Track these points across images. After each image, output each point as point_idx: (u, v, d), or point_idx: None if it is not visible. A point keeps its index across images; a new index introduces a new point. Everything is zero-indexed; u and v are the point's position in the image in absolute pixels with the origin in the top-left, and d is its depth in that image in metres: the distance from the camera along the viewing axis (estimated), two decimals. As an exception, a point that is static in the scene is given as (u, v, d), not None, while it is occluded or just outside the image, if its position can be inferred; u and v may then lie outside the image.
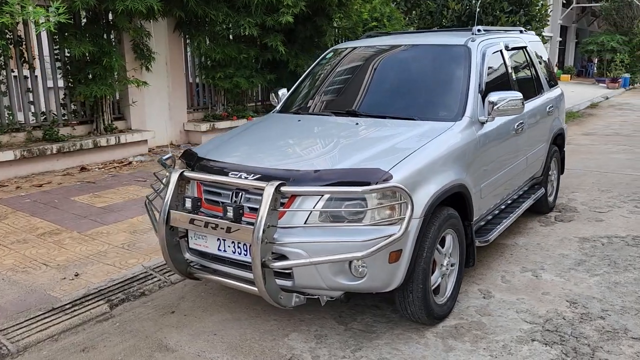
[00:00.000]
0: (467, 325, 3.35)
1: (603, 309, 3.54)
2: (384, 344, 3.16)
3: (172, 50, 9.29)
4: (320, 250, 2.83)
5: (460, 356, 3.02)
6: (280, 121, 4.20)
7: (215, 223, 2.99)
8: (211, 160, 3.44)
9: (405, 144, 3.33)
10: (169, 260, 3.28)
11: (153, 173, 3.96)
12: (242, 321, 3.49)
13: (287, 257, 2.88)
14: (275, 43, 9.37)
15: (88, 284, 3.95)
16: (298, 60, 10.20)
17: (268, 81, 10.20)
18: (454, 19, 9.64)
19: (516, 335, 3.22)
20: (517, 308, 3.56)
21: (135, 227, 5.15)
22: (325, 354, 3.07)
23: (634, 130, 11.82)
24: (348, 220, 2.94)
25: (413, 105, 3.94)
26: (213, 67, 9.53)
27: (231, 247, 3.09)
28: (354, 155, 3.17)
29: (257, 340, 3.24)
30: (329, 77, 4.55)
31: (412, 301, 3.14)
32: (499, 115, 3.80)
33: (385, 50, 4.46)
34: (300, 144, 3.59)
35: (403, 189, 2.80)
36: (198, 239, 3.24)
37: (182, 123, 9.57)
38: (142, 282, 4.01)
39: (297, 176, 2.98)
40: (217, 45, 9.19)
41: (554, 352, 3.02)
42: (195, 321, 3.51)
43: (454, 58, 4.08)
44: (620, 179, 7.23)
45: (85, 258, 4.42)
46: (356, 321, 3.44)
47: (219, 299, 3.82)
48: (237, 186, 3.10)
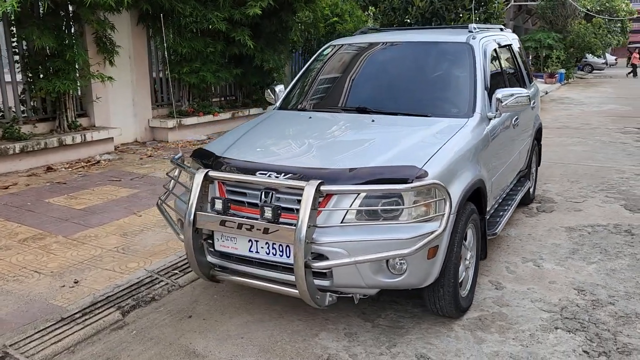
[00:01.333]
0: (490, 317, 3.43)
1: (609, 295, 3.72)
2: (415, 339, 3.19)
3: (135, 44, 8.95)
4: (361, 249, 2.81)
5: (493, 347, 3.09)
6: (290, 119, 4.14)
7: (250, 224, 2.91)
8: (233, 159, 3.34)
9: (430, 140, 3.36)
10: (194, 264, 3.17)
11: (166, 173, 3.80)
12: (265, 322, 3.43)
13: (327, 256, 2.85)
14: (243, 37, 9.22)
15: (92, 291, 3.76)
16: (264, 55, 10.08)
17: (234, 76, 10.02)
18: (418, 15, 9.82)
19: (539, 324, 3.33)
20: (530, 297, 3.69)
21: (124, 230, 4.94)
22: (361, 352, 3.06)
23: (581, 124, 12.47)
24: (383, 218, 2.94)
25: (424, 102, 3.98)
26: (179, 61, 9.26)
27: (264, 249, 3.02)
28: (383, 153, 3.17)
29: (287, 342, 3.19)
30: (331, 73, 4.52)
31: (443, 295, 3.19)
32: (505, 112, 3.91)
33: (386, 47, 4.49)
34: (321, 141, 3.54)
35: (442, 185, 2.83)
36: (226, 240, 3.15)
37: (147, 119, 9.25)
38: (150, 287, 3.85)
39: (332, 175, 2.95)
40: (184, 39, 8.94)
41: (579, 339, 3.15)
42: (216, 325, 3.41)
43: (459, 55, 4.16)
44: (584, 170, 7.62)
45: (80, 263, 4.20)
46: (381, 317, 3.46)
47: (235, 300, 3.73)
48: (268, 186, 3.02)
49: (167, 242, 4.63)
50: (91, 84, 8.06)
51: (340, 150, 3.35)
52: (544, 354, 3.01)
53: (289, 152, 3.40)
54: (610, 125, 12.18)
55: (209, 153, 3.50)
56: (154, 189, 6.29)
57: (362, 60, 4.45)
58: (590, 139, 10.31)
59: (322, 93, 4.40)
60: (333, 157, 3.23)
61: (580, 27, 28.81)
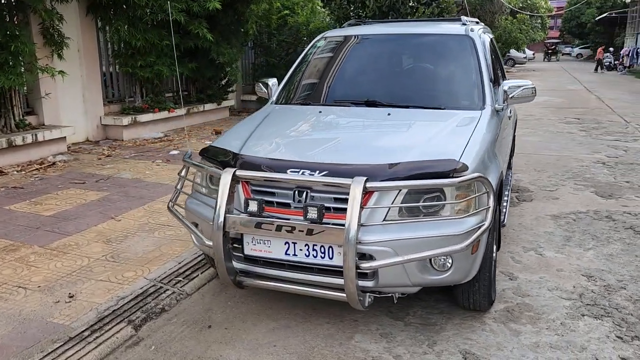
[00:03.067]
0: (517, 308, 3.45)
1: (617, 279, 3.85)
2: (452, 335, 3.15)
3: (84, 36, 8.36)
4: (409, 247, 2.72)
5: (530, 338, 3.10)
6: (299, 114, 3.96)
7: (291, 225, 2.74)
8: (257, 157, 3.14)
9: (454, 132, 3.32)
10: (224, 270, 2.95)
11: (178, 173, 3.52)
12: (292, 328, 3.26)
13: (373, 256, 2.74)
14: (201, 30, 8.84)
15: (92, 305, 3.43)
16: (219, 49, 9.73)
17: (190, 70, 9.61)
18: (375, 9, 9.81)
19: (565, 313, 3.38)
20: (547, 286, 3.75)
21: (106, 236, 4.58)
22: (404, 352, 2.98)
23: (524, 115, 12.98)
24: (424, 214, 2.86)
25: (435, 94, 3.94)
26: (132, 54, 8.75)
27: (303, 251, 2.86)
28: (413, 146, 3.09)
29: (323, 347, 3.05)
30: (330, 66, 4.37)
31: (478, 289, 3.16)
32: (512, 103, 3.95)
33: (386, 39, 4.41)
34: (344, 137, 3.41)
35: (487, 178, 2.79)
36: (258, 244, 2.95)
37: (99, 117, 8.69)
38: (156, 297, 3.58)
39: (372, 171, 2.83)
40: (138, 31, 8.44)
41: (607, 325, 3.23)
42: (241, 334, 3.21)
43: (462, 47, 4.15)
44: (545, 159, 7.92)
45: (68, 275, 3.84)
46: (410, 315, 3.38)
47: (251, 307, 3.53)
48: (304, 184, 2.86)
49: (159, 248, 4.33)
50: (39, 79, 7.43)
51: (370, 145, 3.23)
52: (581, 341, 3.06)
53: (316, 148, 3.24)
54: (551, 116, 12.79)
55: (226, 151, 3.27)
56: (125, 191, 5.90)
57: (363, 53, 4.35)
58: (539, 129, 10.77)
59: (326, 87, 4.25)
60: (365, 152, 3.11)
61: (507, 22, 30.12)
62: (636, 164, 7.56)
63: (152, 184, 6.18)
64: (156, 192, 5.88)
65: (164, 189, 5.97)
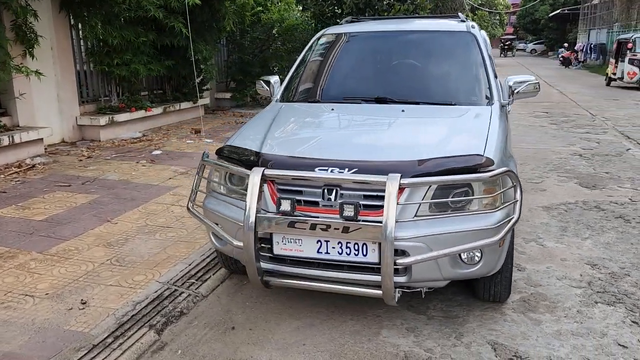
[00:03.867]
0: (532, 298, 3.54)
1: (620, 267, 4.00)
2: (477, 326, 3.21)
3: (58, 34, 8.07)
4: (442, 242, 2.76)
5: (552, 326, 3.19)
6: (311, 111, 3.94)
7: (326, 224, 2.74)
8: (281, 155, 3.11)
9: (471, 128, 3.38)
10: (254, 271, 2.92)
11: (196, 174, 3.44)
12: (317, 326, 3.26)
13: (407, 252, 2.76)
14: (178, 26, 8.67)
15: (108, 310, 3.34)
16: (196, 46, 9.56)
17: (166, 68, 9.42)
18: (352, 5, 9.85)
19: (579, 300, 3.50)
20: (555, 276, 3.86)
21: (106, 240, 4.45)
22: (434, 345, 3.02)
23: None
24: (452, 209, 2.90)
25: (444, 90, 3.99)
26: (107, 52, 8.50)
27: (336, 249, 2.86)
28: (436, 142, 3.13)
29: (354, 344, 3.06)
30: (335, 63, 4.37)
31: (500, 281, 3.23)
32: (517, 98, 4.03)
33: (390, 36, 4.43)
34: (364, 133, 3.42)
35: (514, 172, 2.86)
36: (288, 243, 2.93)
37: (75, 117, 8.41)
38: (173, 300, 3.51)
39: (402, 167, 2.84)
40: (114, 28, 8.21)
41: (621, 311, 3.36)
42: (267, 334, 3.18)
43: (465, 43, 4.22)
44: (524, 152, 8.14)
45: (75, 281, 3.72)
46: (431, 309, 3.43)
47: (271, 306, 3.50)
48: (336, 182, 2.86)
49: (164, 250, 4.25)
50: (12, 78, 7.14)
51: (393, 142, 3.25)
52: (600, 328, 3.17)
53: (340, 145, 3.23)
54: (520, 110, 13.13)
55: (247, 150, 3.23)
56: (115, 192, 5.74)
57: (369, 50, 4.37)
58: (511, 123, 11.01)
59: (334, 84, 4.24)
60: (391, 149, 3.12)
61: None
62: (611, 156, 7.87)
63: (141, 185, 6.04)
64: (148, 193, 5.74)
65: (155, 190, 5.84)
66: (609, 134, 9.79)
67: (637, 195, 5.83)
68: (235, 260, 3.70)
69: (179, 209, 5.22)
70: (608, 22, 35.42)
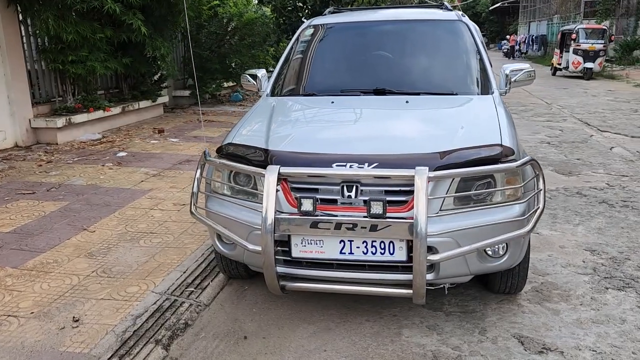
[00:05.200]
0: (544, 287, 3.51)
1: (618, 251, 4.05)
2: (497, 320, 3.14)
3: (6, 30, 7.50)
4: (469, 236, 2.66)
5: (571, 315, 3.17)
6: (309, 104, 3.76)
7: (352, 222, 2.58)
8: (293, 152, 2.93)
9: (481, 117, 3.29)
10: (273, 276, 2.73)
11: (200, 176, 3.18)
12: (333, 330, 3.10)
13: (436, 248, 2.65)
14: (136, 22, 8.25)
15: (105, 327, 3.06)
16: (154, 42, 9.14)
17: (123, 65, 8.96)
18: (315, -3, 9.69)
19: (589, 287, 3.50)
20: (559, 263, 3.86)
21: (85, 250, 4.13)
22: (461, 342, 2.92)
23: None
24: (474, 201, 2.81)
25: (443, 80, 3.91)
26: (61, 50, 7.98)
27: (361, 248, 2.71)
28: (451, 133, 3.02)
29: (377, 346, 2.92)
30: (327, 55, 4.21)
31: (518, 272, 3.17)
32: (515, 87, 4.00)
33: (381, 26, 4.30)
34: (374, 126, 3.27)
35: (537, 162, 2.79)
36: (309, 244, 2.76)
37: (28, 120, 7.86)
38: (174, 312, 3.26)
39: (424, 160, 2.72)
40: (68, 24, 7.71)
41: (633, 295, 3.37)
42: (283, 342, 3.00)
43: (459, 33, 4.14)
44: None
45: (61, 297, 3.41)
46: (446, 305, 3.34)
47: (280, 312, 3.32)
48: (354, 178, 2.71)
49: (153, 258, 3.97)
50: (-41, 79, 6.58)
51: (407, 134, 3.13)
52: (618, 314, 3.17)
53: (353, 140, 3.08)
54: (479, 100, 13.34)
55: (254, 148, 3.02)
56: (85, 199, 5.37)
57: (360, 40, 4.22)
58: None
59: (328, 76, 4.07)
60: (407, 141, 3.00)
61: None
62: (577, 142, 8.07)
63: (112, 190, 5.68)
64: (121, 198, 5.40)
65: (129, 194, 5.50)
66: (569, 121, 10.07)
67: (612, 180, 5.97)
68: (236, 266, 3.50)
69: (159, 213, 4.93)
70: (547, 15, 36.79)
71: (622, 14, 27.88)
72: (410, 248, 2.65)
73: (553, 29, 33.78)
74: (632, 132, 8.76)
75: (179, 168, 6.61)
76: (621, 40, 24.87)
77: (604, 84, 17.53)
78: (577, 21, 27.84)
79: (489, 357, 2.79)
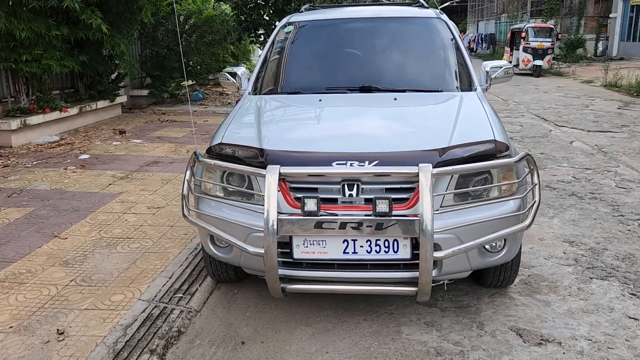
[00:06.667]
0: (532, 280, 3.59)
1: (595, 242, 4.18)
2: (492, 314, 3.18)
3: (-46, 27, 7.05)
4: (471, 231, 2.68)
5: (562, 306, 3.24)
6: (296, 103, 3.69)
7: (358, 221, 2.55)
8: (290, 151, 2.87)
9: (471, 113, 3.32)
10: (276, 279, 2.66)
11: (190, 177, 3.06)
12: (332, 331, 3.06)
13: (440, 245, 2.65)
14: (95, 20, 7.93)
15: (93, 339, 2.92)
16: (114, 40, 8.82)
17: (80, 64, 8.60)
18: (278, -6, 9.58)
19: (575, 278, 3.59)
20: (542, 256, 3.95)
21: (60, 258, 3.93)
22: (461, 338, 2.94)
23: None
24: (472, 197, 2.83)
25: (428, 77, 3.92)
26: (14, 47, 7.58)
27: (365, 247, 2.68)
28: (445, 130, 3.02)
29: (379, 345, 2.90)
30: (309, 52, 4.14)
31: (511, 266, 3.22)
32: (495, 83, 4.07)
33: (362, 23, 4.27)
34: (367, 123, 3.23)
35: (532, 156, 2.84)
36: (311, 245, 2.70)
37: (-21, 122, 7.43)
38: (165, 319, 3.14)
39: (423, 157, 2.72)
40: (21, 20, 7.32)
41: (616, 284, 3.49)
42: (282, 345, 2.94)
43: (439, 30, 4.17)
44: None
45: (41, 309, 3.23)
46: (440, 300, 3.36)
47: (275, 314, 3.26)
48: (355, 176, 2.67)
49: (134, 264, 3.82)
50: None
51: (402, 131, 3.11)
52: (605, 303, 3.27)
53: (350, 137, 3.03)
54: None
55: (249, 148, 2.94)
56: (52, 204, 5.11)
57: (342, 37, 4.18)
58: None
59: (312, 74, 4.00)
60: (403, 138, 2.99)
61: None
62: (538, 137, 8.32)
63: (80, 194, 5.43)
64: (90, 202, 5.18)
65: (98, 198, 5.28)
66: (527, 117, 10.38)
67: (578, 173, 6.18)
68: (227, 269, 3.40)
69: (133, 217, 4.75)
70: (495, 14, 37.88)
71: (565, 13, 29.04)
72: (414, 246, 2.65)
73: (501, 28, 34.84)
74: (588, 127, 9.11)
75: (147, 170, 6.40)
76: (566, 38, 25.88)
77: (554, 81, 18.20)
78: (524, 20, 28.78)
79: (491, 351, 2.82)
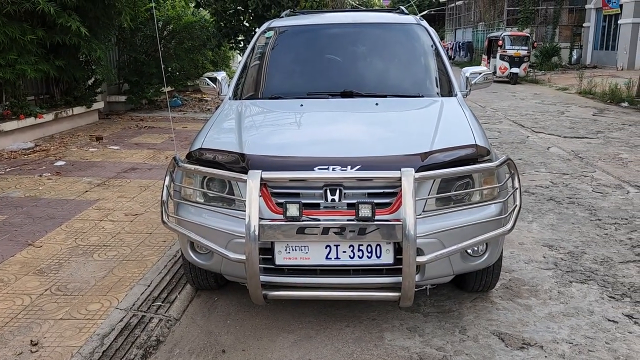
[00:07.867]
0: (512, 284, 3.60)
1: (574, 246, 4.23)
2: (474, 318, 3.18)
3: None
4: (453, 236, 2.68)
5: (542, 309, 3.26)
6: (277, 108, 3.65)
7: (340, 226, 2.53)
8: (271, 156, 2.84)
9: (452, 119, 3.33)
10: (258, 286, 2.62)
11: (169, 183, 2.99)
12: (314, 338, 3.03)
13: (422, 250, 2.64)
14: (74, 24, 7.81)
15: (69, 350, 2.84)
16: (91, 44, 8.69)
17: (56, 69, 8.45)
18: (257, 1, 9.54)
19: (555, 282, 3.62)
20: (522, 260, 3.98)
21: (34, 267, 3.83)
22: (444, 343, 2.93)
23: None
24: (454, 202, 2.84)
25: (408, 83, 3.93)
26: (-13, 52, 7.42)
27: (347, 253, 2.66)
28: (426, 134, 3.02)
29: (362, 352, 2.88)
30: (290, 57, 4.12)
31: (492, 271, 3.23)
32: (475, 89, 4.09)
33: (343, 29, 4.27)
34: (348, 128, 3.22)
35: (512, 161, 2.86)
36: (293, 251, 2.67)
37: (-49, 128, 7.24)
38: (143, 328, 3.07)
39: (406, 162, 2.71)
40: (-5, 25, 7.18)
41: (596, 287, 3.52)
42: (264, 352, 2.89)
43: (419, 36, 4.19)
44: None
45: (14, 319, 3.14)
46: (422, 305, 3.34)
47: (256, 322, 3.21)
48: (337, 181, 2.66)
49: (111, 272, 3.74)
50: None
51: (384, 136, 3.11)
52: (584, 306, 3.29)
53: (332, 142, 3.01)
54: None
55: (229, 153, 2.90)
56: (26, 211, 4.99)
57: (323, 42, 4.17)
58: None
59: (293, 79, 3.98)
60: (385, 143, 2.98)
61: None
62: (516, 143, 8.43)
63: (55, 201, 5.32)
64: (66, 209, 5.06)
65: (74, 206, 5.17)
66: (505, 123, 10.51)
67: (555, 179, 6.26)
68: (207, 276, 3.35)
69: (110, 225, 4.66)
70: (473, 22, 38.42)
71: (540, 22, 29.60)
72: (397, 250, 2.64)
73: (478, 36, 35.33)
74: (564, 133, 9.25)
75: (124, 177, 6.30)
76: (541, 47, 26.36)
77: (530, 88, 18.49)
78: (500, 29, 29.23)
79: (474, 355, 2.81)
